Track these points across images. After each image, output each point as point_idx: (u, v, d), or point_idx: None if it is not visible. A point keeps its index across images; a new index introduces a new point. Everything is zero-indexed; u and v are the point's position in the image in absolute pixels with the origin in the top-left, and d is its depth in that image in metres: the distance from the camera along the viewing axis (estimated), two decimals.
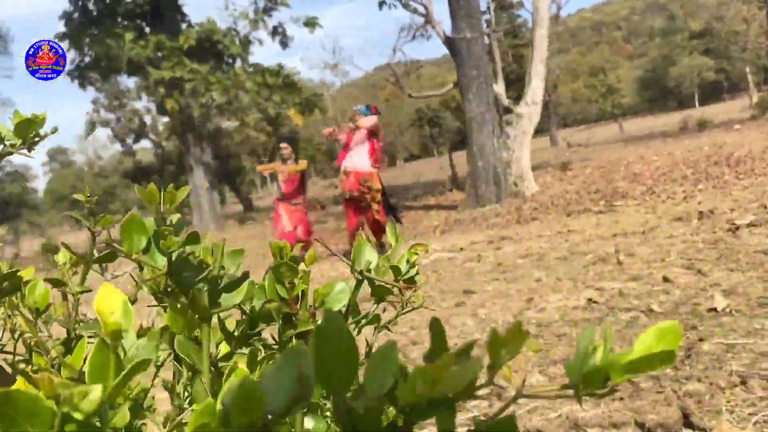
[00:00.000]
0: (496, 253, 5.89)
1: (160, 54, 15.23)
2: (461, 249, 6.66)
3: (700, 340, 2.50)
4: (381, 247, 7.72)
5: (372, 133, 7.56)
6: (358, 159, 7.49)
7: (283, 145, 8.37)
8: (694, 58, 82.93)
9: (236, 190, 28.07)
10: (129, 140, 40.57)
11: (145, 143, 43.17)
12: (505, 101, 11.31)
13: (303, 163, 8.26)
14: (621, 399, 2.05)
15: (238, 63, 17.30)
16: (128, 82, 32.62)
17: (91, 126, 41.11)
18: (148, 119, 38.75)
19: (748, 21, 33.34)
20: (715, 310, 2.84)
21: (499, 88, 11.51)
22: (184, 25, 17.58)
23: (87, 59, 16.84)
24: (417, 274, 0.77)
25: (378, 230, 7.54)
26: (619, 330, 2.84)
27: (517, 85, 27.92)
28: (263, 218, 17.81)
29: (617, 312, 3.13)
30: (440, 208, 12.53)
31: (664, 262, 4.09)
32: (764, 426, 1.71)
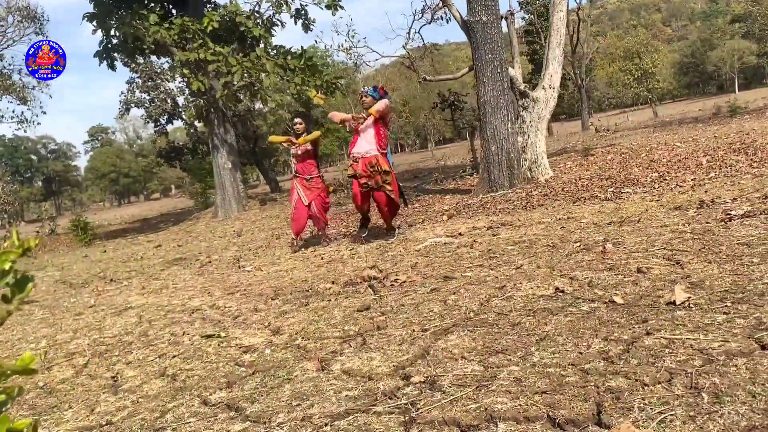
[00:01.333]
0: (491, 240, 5.83)
1: (185, 36, 15.37)
2: (460, 234, 6.62)
3: (647, 333, 2.45)
4: (391, 231, 7.70)
5: (379, 117, 7.49)
6: (366, 144, 7.43)
7: (297, 120, 8.27)
8: (735, 41, 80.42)
9: (264, 170, 28.21)
10: (162, 120, 41.14)
11: (178, 123, 43.60)
12: (521, 85, 11.13)
13: (315, 133, 8.11)
14: (543, 392, 2.02)
15: (261, 45, 17.37)
16: (163, 62, 32.97)
17: (126, 106, 41.84)
18: (180, 100, 39.13)
19: None
20: (673, 303, 2.78)
21: (515, 71, 11.33)
22: (209, 7, 17.72)
23: (114, 40, 17.10)
24: (28, 281, 0.75)
25: (390, 214, 7.50)
26: (572, 321, 2.79)
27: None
28: (284, 199, 17.94)
29: (579, 302, 3.08)
30: (457, 192, 12.42)
31: (646, 252, 4.01)
32: (668, 426, 1.67)
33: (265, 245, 9.74)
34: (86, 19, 16.90)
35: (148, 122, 41.41)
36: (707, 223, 4.65)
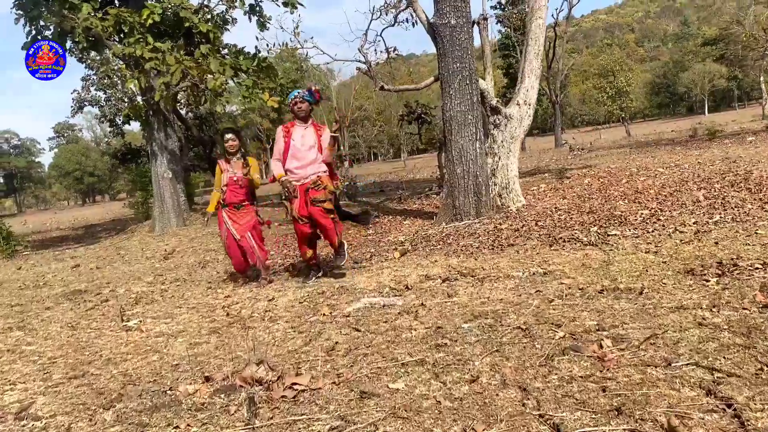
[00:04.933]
0: (444, 305, 4.37)
1: (121, 29, 13.79)
2: (407, 288, 5.16)
3: None
4: (338, 253, 6.29)
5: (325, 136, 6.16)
6: (311, 169, 6.04)
7: (229, 136, 6.87)
8: (706, 64, 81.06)
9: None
10: (118, 120, 39.09)
11: (137, 124, 41.52)
12: (493, 100, 9.73)
13: (254, 166, 6.83)
14: None
15: (210, 43, 15.78)
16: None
17: (79, 105, 39.64)
18: (139, 98, 37.14)
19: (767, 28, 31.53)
20: None
21: (487, 84, 9.94)
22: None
23: (46, 32, 15.43)
24: None
25: (334, 235, 6.07)
26: None
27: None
28: None
29: None
30: (419, 216, 10.98)
31: (669, 369, 2.59)
32: None
33: (185, 277, 8.17)
34: (15, 7, 15.18)
35: (103, 122, 39.19)
36: (744, 308, 3.26)
